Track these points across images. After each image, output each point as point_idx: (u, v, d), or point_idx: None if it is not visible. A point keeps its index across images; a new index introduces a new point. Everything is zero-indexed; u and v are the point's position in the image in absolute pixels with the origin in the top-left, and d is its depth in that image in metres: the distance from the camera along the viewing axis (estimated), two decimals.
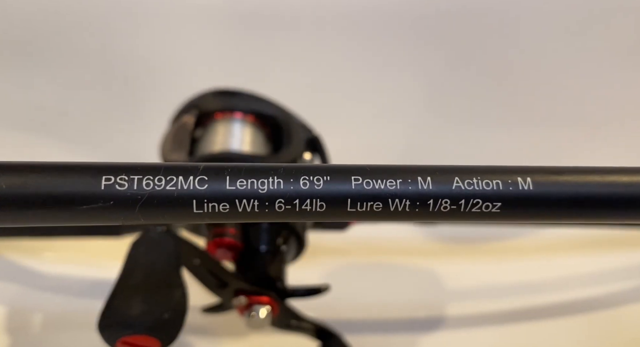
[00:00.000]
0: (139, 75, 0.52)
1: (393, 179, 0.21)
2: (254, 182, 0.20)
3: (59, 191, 0.19)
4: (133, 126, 0.52)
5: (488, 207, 0.21)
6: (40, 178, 0.19)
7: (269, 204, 0.20)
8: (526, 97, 0.54)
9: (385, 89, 0.54)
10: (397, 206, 0.21)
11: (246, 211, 0.20)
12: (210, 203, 0.20)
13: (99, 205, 0.19)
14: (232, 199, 0.20)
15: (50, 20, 0.50)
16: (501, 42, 0.52)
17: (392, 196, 0.21)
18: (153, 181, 0.20)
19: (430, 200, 0.21)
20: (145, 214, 0.19)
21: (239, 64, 0.53)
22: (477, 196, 0.21)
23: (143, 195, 0.19)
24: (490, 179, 0.21)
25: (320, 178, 0.21)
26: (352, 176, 0.21)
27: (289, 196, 0.20)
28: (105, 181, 0.19)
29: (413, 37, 0.52)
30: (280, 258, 0.34)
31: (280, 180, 0.20)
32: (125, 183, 0.19)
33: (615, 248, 0.47)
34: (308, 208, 0.20)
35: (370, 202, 0.21)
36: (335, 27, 0.52)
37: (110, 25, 0.51)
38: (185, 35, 0.52)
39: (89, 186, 0.19)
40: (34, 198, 0.19)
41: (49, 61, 0.51)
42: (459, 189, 0.21)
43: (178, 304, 0.29)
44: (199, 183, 0.20)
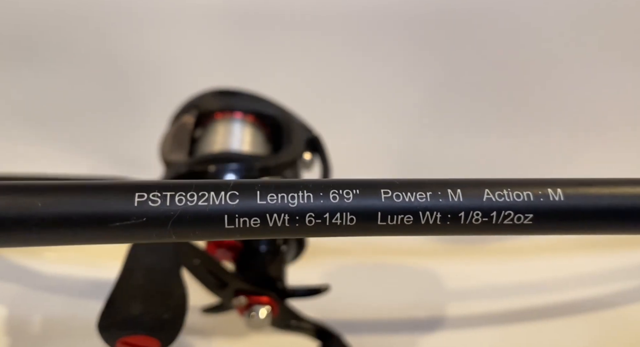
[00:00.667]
0: (138, 75, 0.52)
1: (423, 192, 0.21)
2: (284, 196, 0.20)
3: (92, 209, 0.19)
4: (133, 126, 0.52)
5: (520, 219, 0.21)
6: (75, 197, 0.19)
7: (299, 218, 0.20)
8: (527, 101, 0.54)
9: (385, 89, 0.54)
10: (429, 219, 0.21)
11: (277, 225, 0.20)
12: (241, 218, 0.20)
13: (131, 222, 0.19)
14: (263, 214, 0.20)
15: (50, 20, 0.50)
16: (502, 46, 0.52)
17: (422, 209, 0.21)
18: (185, 197, 0.20)
19: (462, 212, 0.21)
20: (177, 230, 0.20)
21: (238, 64, 0.53)
22: (508, 207, 0.21)
23: (176, 211, 0.19)
24: (520, 190, 0.21)
25: (349, 192, 0.21)
26: (382, 189, 0.21)
27: (319, 210, 0.20)
28: (138, 197, 0.20)
29: (413, 38, 0.52)
30: (280, 258, 0.34)
31: (310, 194, 0.20)
32: (158, 200, 0.20)
33: (616, 248, 0.47)
34: (338, 222, 0.20)
35: (401, 216, 0.21)
36: (335, 28, 0.52)
37: (110, 24, 0.51)
38: (185, 34, 0.52)
39: (122, 203, 0.19)
40: (68, 216, 0.19)
41: (49, 60, 0.51)
42: (489, 201, 0.21)
43: (178, 304, 0.29)
44: (230, 198, 0.20)
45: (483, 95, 0.54)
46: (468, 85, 0.54)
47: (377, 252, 0.47)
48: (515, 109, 0.54)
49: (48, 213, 0.19)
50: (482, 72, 0.53)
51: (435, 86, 0.54)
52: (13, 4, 0.50)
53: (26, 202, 0.19)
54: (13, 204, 0.19)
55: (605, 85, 0.53)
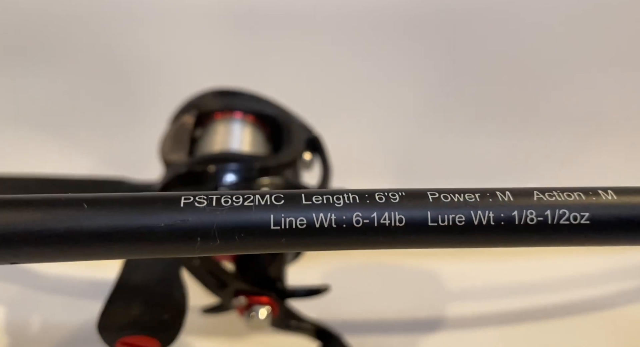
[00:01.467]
0: (138, 75, 0.52)
1: (471, 193, 0.21)
2: (329, 197, 0.20)
3: (139, 213, 0.19)
4: (132, 126, 0.52)
5: (576, 218, 0.20)
6: (121, 207, 0.19)
7: (347, 218, 0.20)
8: (527, 102, 0.54)
9: (385, 89, 0.54)
10: (481, 219, 0.20)
11: (323, 226, 0.20)
12: (287, 218, 0.20)
13: (177, 221, 0.19)
14: (309, 214, 0.20)
15: (49, 20, 0.50)
16: (502, 46, 0.52)
17: (473, 208, 0.20)
18: (231, 198, 0.20)
19: (514, 211, 0.20)
20: (222, 231, 0.19)
21: (238, 64, 0.53)
22: (562, 206, 0.20)
23: (222, 210, 0.19)
24: (569, 191, 0.21)
25: (395, 194, 0.20)
26: (428, 192, 0.21)
27: (365, 209, 0.20)
28: (184, 199, 0.20)
29: (412, 39, 0.52)
30: (280, 258, 0.34)
31: (355, 196, 0.20)
32: (204, 201, 0.20)
33: (617, 248, 0.47)
34: (387, 223, 0.20)
35: (452, 215, 0.20)
36: (335, 28, 0.52)
37: (109, 24, 0.51)
38: (185, 34, 0.52)
39: (169, 205, 0.19)
40: (113, 225, 0.19)
41: (48, 60, 0.51)
42: (540, 200, 0.20)
43: (178, 305, 0.29)
44: (276, 199, 0.20)
45: (483, 96, 0.54)
46: (468, 86, 0.54)
47: (377, 252, 0.47)
48: (515, 110, 0.54)
49: (96, 225, 0.19)
50: (482, 73, 0.53)
51: (435, 87, 0.54)
52: (13, 4, 0.50)
53: (73, 214, 0.19)
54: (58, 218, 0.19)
55: (606, 86, 0.53)
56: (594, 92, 0.53)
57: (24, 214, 0.19)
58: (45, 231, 0.19)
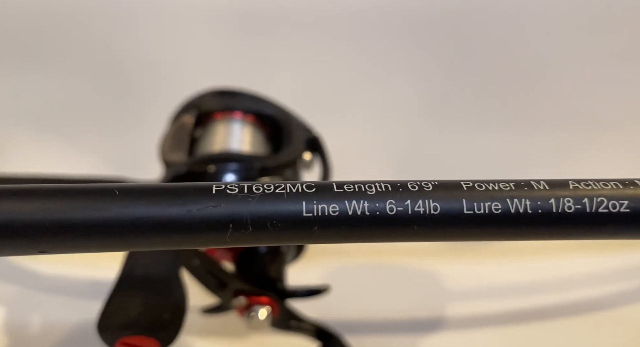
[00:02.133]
0: (138, 75, 0.52)
1: (506, 182, 0.20)
2: (361, 186, 0.20)
3: (172, 209, 0.19)
4: (132, 126, 0.52)
5: (615, 206, 0.19)
6: (153, 195, 0.19)
7: (380, 205, 0.19)
8: (527, 100, 0.54)
9: (385, 89, 0.54)
10: (518, 207, 0.19)
11: (356, 213, 0.19)
12: (319, 205, 0.19)
13: (209, 206, 0.19)
14: (341, 200, 0.19)
15: (49, 19, 0.50)
16: (501, 44, 0.52)
17: (510, 197, 0.19)
18: (262, 186, 0.20)
19: (551, 200, 0.20)
20: (254, 218, 0.19)
21: (238, 64, 0.53)
22: (599, 194, 0.20)
23: (254, 197, 0.19)
24: (605, 181, 0.20)
25: (428, 183, 0.20)
26: (461, 181, 0.20)
27: (399, 197, 0.19)
28: (216, 187, 0.19)
29: (413, 38, 0.52)
30: (280, 258, 0.34)
31: (387, 185, 0.20)
32: (235, 188, 0.19)
33: (617, 249, 0.47)
34: (421, 210, 0.19)
35: (488, 203, 0.19)
36: (335, 28, 0.52)
37: (109, 24, 0.51)
38: (185, 34, 0.52)
39: (200, 192, 0.19)
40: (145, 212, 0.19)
41: (48, 60, 0.51)
42: (576, 189, 0.20)
43: (177, 305, 0.29)
44: (307, 187, 0.20)
45: (484, 94, 0.54)
46: (468, 86, 0.54)
47: (378, 252, 0.47)
48: (517, 107, 0.54)
49: (129, 214, 0.19)
50: (483, 71, 0.53)
51: (435, 86, 0.54)
52: (12, 4, 0.50)
53: (99, 204, 0.18)
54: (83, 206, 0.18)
55: (608, 85, 0.53)
56: (596, 90, 0.53)
57: (54, 203, 0.18)
58: (76, 219, 0.18)
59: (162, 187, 0.19)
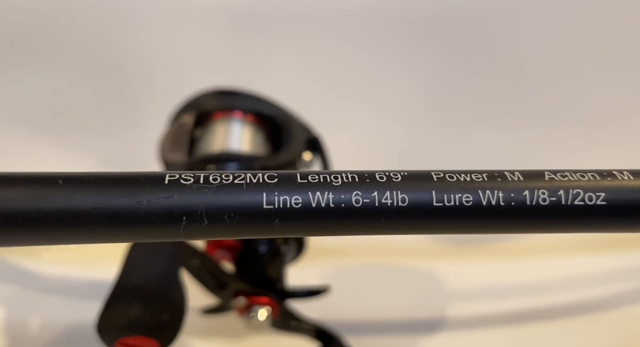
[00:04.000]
0: (137, 75, 0.52)
1: (478, 173, 0.19)
2: (326, 177, 0.19)
3: (119, 199, 0.18)
4: (132, 125, 0.52)
5: (592, 198, 0.19)
6: (100, 184, 0.18)
7: (345, 197, 0.18)
8: (527, 98, 0.54)
9: (385, 88, 0.54)
10: (490, 200, 0.18)
11: (320, 205, 0.18)
12: (281, 196, 0.18)
13: (160, 197, 0.17)
14: (305, 192, 0.18)
15: (48, 19, 0.50)
16: (502, 43, 0.52)
17: (482, 188, 0.18)
18: (220, 176, 0.18)
19: (525, 192, 0.18)
20: (210, 210, 0.18)
21: (238, 64, 0.53)
22: (575, 186, 0.19)
23: (210, 188, 0.18)
24: (582, 172, 0.19)
25: (397, 173, 0.19)
26: (432, 172, 0.19)
27: (366, 188, 0.18)
28: (169, 176, 0.18)
29: (413, 37, 0.52)
30: (280, 259, 0.34)
31: (354, 175, 0.19)
32: (190, 178, 0.18)
33: (618, 249, 0.47)
34: (389, 202, 0.18)
35: (459, 195, 0.18)
36: (335, 27, 0.52)
37: (108, 24, 0.51)
38: (185, 34, 0.52)
39: (152, 181, 0.18)
40: (92, 204, 0.17)
41: (47, 59, 0.51)
42: (552, 180, 0.19)
43: (177, 306, 0.29)
44: (269, 178, 0.18)
45: (484, 93, 0.54)
46: (469, 83, 0.54)
47: (377, 253, 0.47)
48: (517, 105, 0.54)
49: (73, 204, 0.17)
50: (483, 70, 0.53)
51: (436, 84, 0.54)
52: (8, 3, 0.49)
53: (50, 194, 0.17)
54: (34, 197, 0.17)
55: (608, 81, 0.53)
56: (595, 89, 0.53)
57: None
58: (15, 210, 0.17)
59: (110, 176, 0.18)
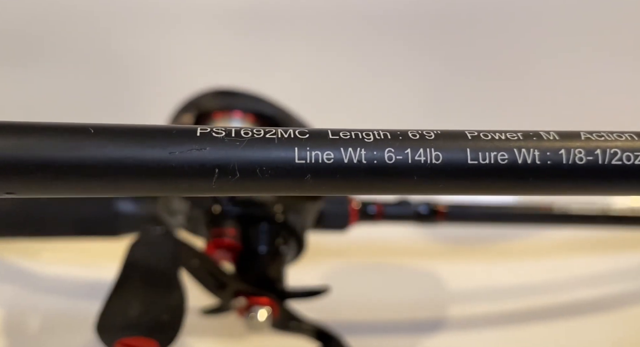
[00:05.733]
0: (137, 74, 0.52)
1: (513, 133, 0.18)
2: (358, 133, 0.18)
3: (152, 150, 0.17)
4: None
5: (630, 158, 0.18)
6: (132, 135, 0.18)
7: (377, 153, 0.18)
8: (526, 97, 0.54)
9: (385, 88, 0.54)
10: (526, 158, 0.18)
11: (352, 162, 0.18)
12: (313, 151, 0.18)
13: (193, 149, 0.17)
14: (336, 147, 0.18)
15: (48, 18, 0.50)
16: (501, 43, 0.52)
17: (517, 146, 0.18)
18: (252, 130, 0.18)
19: (562, 150, 0.18)
20: (242, 164, 0.17)
21: (238, 64, 0.53)
22: (612, 146, 0.18)
23: (241, 141, 0.18)
24: (619, 133, 0.19)
25: (430, 132, 0.18)
26: (466, 131, 0.19)
27: (399, 145, 0.18)
28: (201, 129, 0.18)
29: (413, 37, 0.52)
30: (280, 259, 0.34)
31: (386, 133, 0.18)
32: (222, 131, 0.18)
33: (618, 249, 0.47)
34: (422, 159, 0.18)
35: (494, 153, 0.18)
36: (335, 27, 0.52)
37: (109, 23, 0.51)
38: (185, 33, 0.52)
39: (184, 134, 0.18)
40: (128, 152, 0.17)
41: (47, 59, 0.51)
42: (588, 140, 0.18)
43: (177, 306, 0.29)
44: (300, 133, 0.18)
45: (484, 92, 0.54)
46: (469, 82, 0.54)
47: (377, 253, 0.47)
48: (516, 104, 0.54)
49: (104, 154, 0.17)
50: (483, 69, 0.53)
51: (435, 86, 0.54)
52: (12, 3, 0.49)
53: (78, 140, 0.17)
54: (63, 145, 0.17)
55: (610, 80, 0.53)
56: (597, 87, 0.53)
57: (22, 140, 0.17)
58: (46, 158, 0.17)
59: (141, 127, 0.18)
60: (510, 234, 0.49)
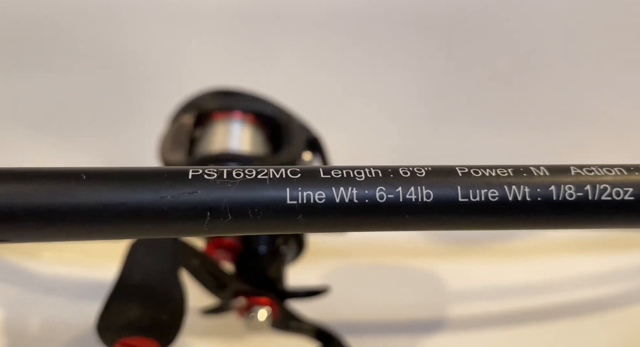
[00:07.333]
0: (137, 74, 0.52)
1: (503, 168, 0.19)
2: (349, 172, 0.18)
3: (144, 194, 0.17)
4: (131, 125, 0.52)
5: (619, 194, 0.18)
6: (123, 179, 0.18)
7: (369, 192, 0.18)
8: (525, 97, 0.54)
9: (384, 88, 0.54)
10: (516, 195, 0.18)
11: (344, 201, 0.18)
12: (305, 191, 0.18)
13: (184, 192, 0.17)
14: (328, 187, 0.18)
15: (49, 18, 0.50)
16: (501, 42, 0.52)
17: (507, 183, 0.18)
18: (243, 171, 0.18)
19: (552, 186, 0.18)
20: (234, 206, 0.18)
21: (238, 64, 0.53)
22: (602, 181, 0.18)
23: (233, 183, 0.18)
24: (609, 167, 0.19)
25: (421, 169, 0.19)
26: (456, 167, 0.19)
27: (390, 183, 0.18)
28: (193, 171, 0.18)
29: (412, 36, 0.52)
30: (280, 259, 0.34)
31: (377, 170, 0.19)
32: (214, 173, 0.18)
33: (618, 249, 0.47)
34: (413, 197, 0.18)
35: (484, 190, 0.18)
36: (335, 27, 0.52)
37: (109, 23, 0.51)
38: (185, 34, 0.52)
39: (175, 177, 0.18)
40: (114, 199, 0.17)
41: (48, 59, 0.51)
42: (578, 175, 0.19)
43: (177, 306, 0.29)
44: (292, 173, 0.18)
45: (485, 93, 0.54)
46: (470, 83, 0.54)
47: (378, 253, 0.47)
48: (515, 104, 0.54)
49: (96, 200, 0.17)
50: (484, 70, 0.53)
51: (435, 86, 0.54)
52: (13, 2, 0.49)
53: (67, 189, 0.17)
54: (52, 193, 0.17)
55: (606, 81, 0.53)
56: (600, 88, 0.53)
57: (14, 186, 0.17)
58: (38, 205, 0.17)
59: (133, 171, 0.18)
60: (510, 234, 0.49)
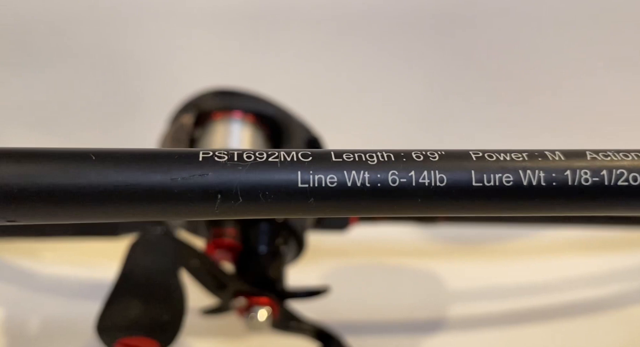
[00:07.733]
0: (137, 74, 0.52)
1: (518, 153, 0.18)
2: (361, 155, 0.18)
3: (154, 176, 0.17)
4: (131, 125, 0.52)
5: (636, 179, 0.18)
6: (133, 160, 0.18)
7: (381, 176, 0.18)
8: (527, 98, 0.54)
9: (385, 88, 0.54)
10: (531, 179, 0.18)
11: (356, 185, 0.18)
12: (316, 174, 0.18)
13: (195, 174, 0.17)
14: (340, 170, 0.18)
15: (49, 18, 0.50)
16: (502, 41, 0.52)
17: (522, 168, 0.18)
18: (254, 154, 0.18)
19: (567, 171, 0.18)
20: (244, 188, 0.17)
21: (238, 64, 0.53)
22: (619, 166, 0.18)
23: (244, 166, 0.17)
24: (625, 152, 0.19)
25: (434, 153, 0.19)
26: (470, 151, 0.19)
27: (402, 167, 0.18)
28: (203, 153, 0.18)
29: (413, 35, 0.52)
30: (280, 259, 0.34)
31: (390, 154, 0.18)
32: (224, 155, 0.18)
33: (618, 249, 0.47)
34: (426, 182, 0.18)
35: (499, 175, 0.18)
36: (335, 26, 0.52)
37: (109, 23, 0.51)
38: (185, 33, 0.52)
39: (186, 159, 0.18)
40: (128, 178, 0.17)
41: (49, 59, 0.51)
42: (594, 160, 0.18)
43: (177, 306, 0.29)
44: (303, 156, 0.18)
45: (486, 94, 0.54)
46: (472, 84, 0.54)
47: (378, 253, 0.47)
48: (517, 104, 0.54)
49: (106, 180, 0.17)
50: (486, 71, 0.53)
51: (435, 86, 0.54)
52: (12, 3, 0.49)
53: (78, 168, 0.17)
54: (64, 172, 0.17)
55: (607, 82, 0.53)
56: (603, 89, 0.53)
57: (23, 167, 0.17)
58: (48, 185, 0.17)
59: (144, 152, 0.18)
60: (510, 234, 0.49)
